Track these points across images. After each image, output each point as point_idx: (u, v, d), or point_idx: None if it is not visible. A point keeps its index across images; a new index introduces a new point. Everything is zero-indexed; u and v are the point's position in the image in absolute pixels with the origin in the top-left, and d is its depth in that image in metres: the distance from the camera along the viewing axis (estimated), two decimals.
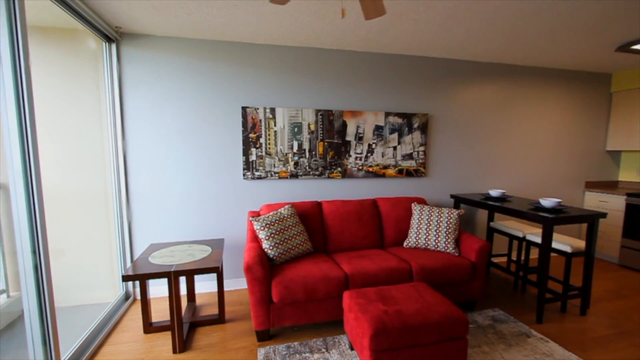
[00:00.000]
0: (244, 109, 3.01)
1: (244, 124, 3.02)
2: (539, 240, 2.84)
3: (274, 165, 3.14)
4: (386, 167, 3.45)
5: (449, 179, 3.70)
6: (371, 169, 3.40)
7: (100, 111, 2.74)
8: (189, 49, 2.88)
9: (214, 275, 3.17)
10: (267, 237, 2.50)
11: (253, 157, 3.08)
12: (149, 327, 2.43)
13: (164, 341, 2.34)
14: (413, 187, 3.59)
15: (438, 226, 2.84)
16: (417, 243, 2.90)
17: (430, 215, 2.90)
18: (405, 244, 2.97)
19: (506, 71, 3.73)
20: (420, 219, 2.94)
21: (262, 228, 2.53)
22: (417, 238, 2.90)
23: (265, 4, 2.19)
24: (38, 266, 1.64)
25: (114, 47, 2.70)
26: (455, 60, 3.54)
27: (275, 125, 3.09)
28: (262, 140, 3.08)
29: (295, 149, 3.17)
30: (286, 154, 3.16)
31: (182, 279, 3.05)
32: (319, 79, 3.20)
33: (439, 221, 2.85)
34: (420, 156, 3.53)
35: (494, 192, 3.23)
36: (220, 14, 2.36)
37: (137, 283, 2.99)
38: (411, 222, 3.00)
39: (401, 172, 3.49)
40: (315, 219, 2.92)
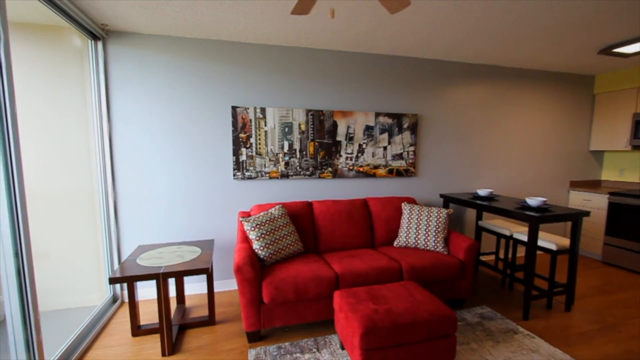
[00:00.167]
0: (234, 108, 2.99)
1: (234, 124, 3.00)
2: (525, 238, 2.90)
3: (265, 165, 3.13)
4: (377, 167, 3.47)
5: (438, 179, 3.75)
6: (362, 169, 3.42)
7: (86, 110, 2.68)
8: (177, 48, 2.84)
9: (203, 277, 3.14)
10: (257, 238, 2.49)
11: (243, 157, 3.06)
12: (138, 330, 2.39)
13: (153, 344, 2.30)
14: (403, 186, 3.62)
15: (428, 225, 2.87)
16: (407, 242, 2.93)
17: (420, 215, 2.94)
18: (395, 243, 2.99)
19: (494, 73, 3.79)
20: (410, 218, 2.96)
21: (253, 228, 2.52)
22: (407, 237, 2.93)
23: (255, 3, 2.18)
24: (21, 269, 1.60)
25: (100, 44, 2.65)
26: (444, 61, 3.59)
27: (265, 125, 3.08)
28: (252, 140, 3.06)
29: (286, 149, 3.16)
30: (277, 154, 3.15)
31: (172, 280, 3.01)
32: (310, 78, 3.20)
33: (428, 220, 2.89)
34: (410, 156, 3.56)
35: (482, 192, 3.29)
36: (209, 12, 2.34)
37: (125, 285, 2.94)
38: (401, 221, 3.03)
39: (391, 172, 3.52)
40: (306, 219, 2.92)
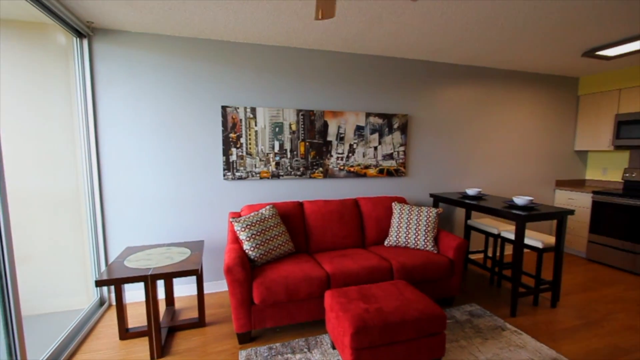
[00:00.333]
0: (224, 108, 2.96)
1: (224, 124, 2.98)
2: (513, 237, 2.95)
3: (255, 165, 3.11)
4: (367, 167, 3.48)
5: (428, 179, 3.79)
6: (352, 169, 3.43)
7: (72, 109, 2.62)
8: (166, 46, 2.80)
9: (193, 278, 3.10)
10: (248, 238, 2.48)
11: (233, 157, 3.04)
12: (125, 334, 2.35)
13: (141, 347, 2.27)
14: (393, 186, 3.65)
15: (418, 225, 2.90)
16: (397, 241, 2.95)
17: (410, 214, 2.96)
18: (386, 242, 3.01)
19: (482, 74, 3.85)
20: (400, 217, 2.99)
21: (243, 229, 2.50)
22: (398, 237, 2.95)
23: (245, 2, 2.16)
24: (2, 273, 1.56)
25: (85, 42, 2.59)
26: (434, 62, 3.63)
27: (256, 125, 3.06)
28: (242, 140, 3.04)
29: (276, 149, 3.15)
30: (267, 154, 3.13)
31: (161, 282, 2.96)
32: (300, 78, 3.19)
33: (418, 220, 2.91)
34: (400, 156, 3.59)
35: (471, 191, 3.34)
36: (199, 11, 2.31)
37: (112, 288, 2.88)
38: (392, 221, 3.05)
39: (382, 171, 3.54)
40: (297, 219, 2.91)
